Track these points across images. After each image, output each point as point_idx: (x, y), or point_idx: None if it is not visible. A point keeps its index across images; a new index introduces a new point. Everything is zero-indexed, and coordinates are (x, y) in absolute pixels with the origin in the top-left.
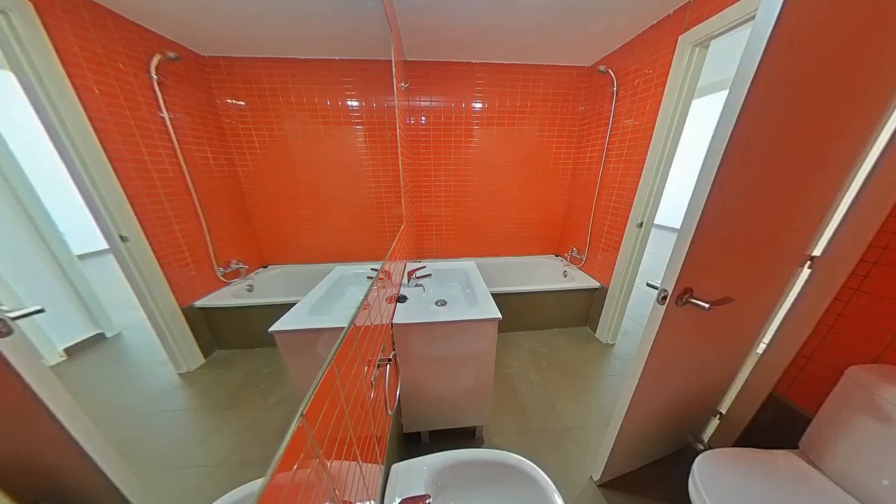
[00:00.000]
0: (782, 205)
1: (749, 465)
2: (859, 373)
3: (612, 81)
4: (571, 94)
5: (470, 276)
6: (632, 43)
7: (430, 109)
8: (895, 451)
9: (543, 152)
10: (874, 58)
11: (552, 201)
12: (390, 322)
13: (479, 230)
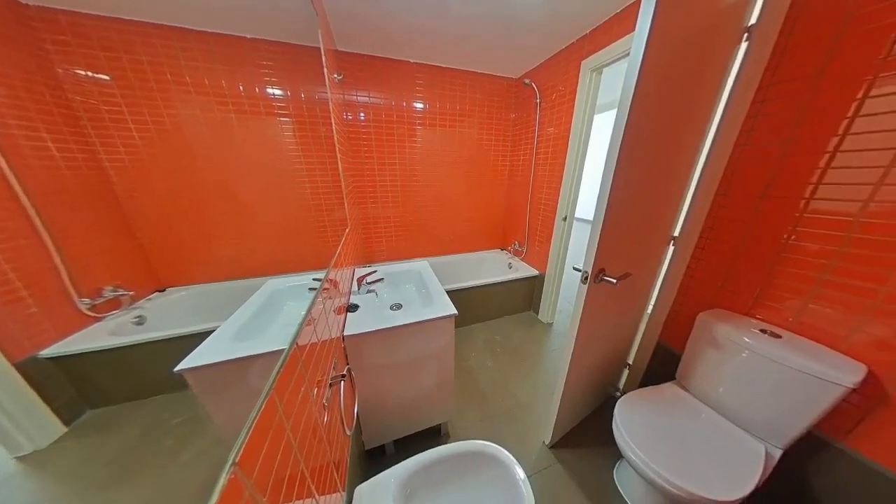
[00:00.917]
0: (654, 199)
1: (648, 399)
2: (704, 317)
3: (535, 94)
4: (504, 102)
5: (424, 276)
6: (548, 62)
7: (369, 106)
8: (725, 368)
9: (484, 155)
10: (699, 91)
11: (494, 200)
12: (341, 335)
13: (430, 230)
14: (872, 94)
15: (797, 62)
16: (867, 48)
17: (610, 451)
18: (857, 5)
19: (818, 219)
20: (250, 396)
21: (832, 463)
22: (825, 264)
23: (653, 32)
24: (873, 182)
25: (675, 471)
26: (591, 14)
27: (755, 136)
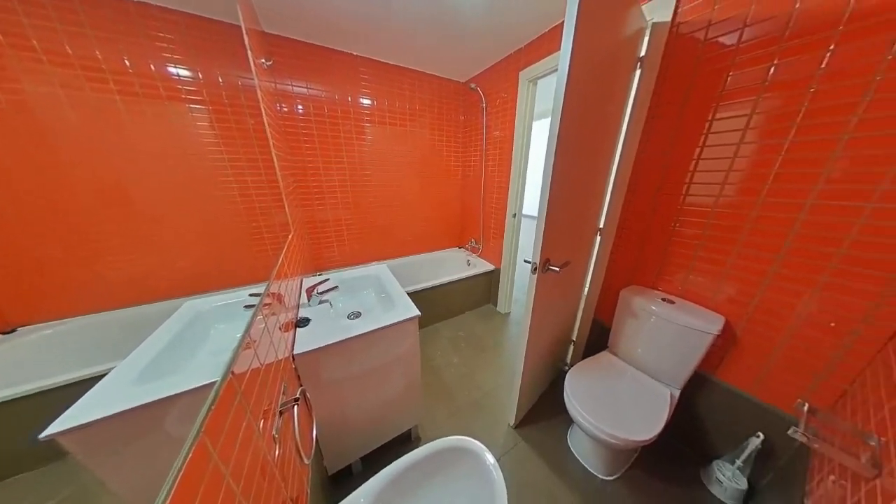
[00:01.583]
0: (584, 197)
1: (589, 368)
2: (624, 293)
3: (481, 99)
4: (453, 104)
5: (383, 279)
6: (490, 69)
7: (308, 98)
8: (641, 333)
9: (437, 156)
10: (610, 107)
11: (450, 200)
12: (290, 354)
13: (387, 231)
14: (717, 117)
15: (671, 90)
16: (711, 84)
17: (563, 419)
18: (703, 52)
19: (691, 210)
20: (167, 447)
21: (708, 391)
22: (697, 244)
23: (574, 54)
24: (720, 182)
25: (611, 423)
26: (525, 30)
27: (649, 145)
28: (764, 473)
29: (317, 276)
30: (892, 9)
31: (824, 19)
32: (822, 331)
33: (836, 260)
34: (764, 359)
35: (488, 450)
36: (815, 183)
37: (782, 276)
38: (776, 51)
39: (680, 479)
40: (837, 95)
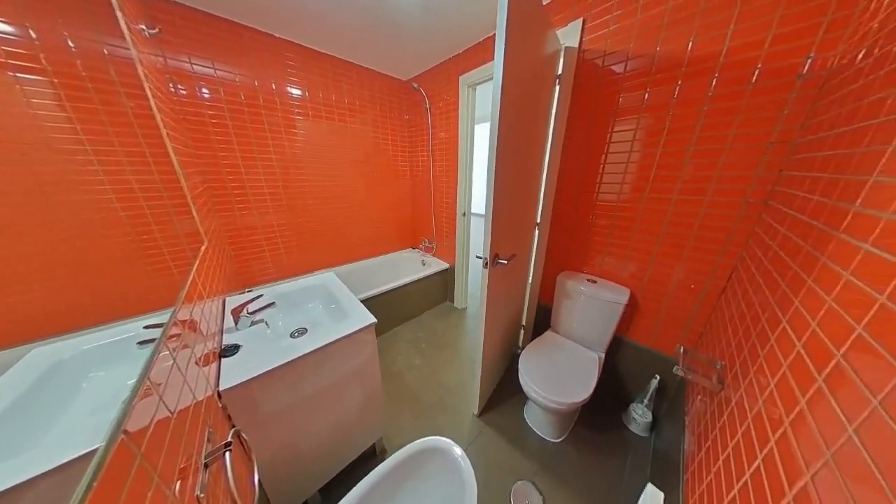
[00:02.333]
0: (523, 195)
1: (537, 347)
2: (560, 278)
3: (424, 99)
4: (396, 102)
5: (331, 288)
6: (432, 71)
7: (216, 81)
8: (574, 310)
9: (383, 155)
10: (538, 117)
11: (401, 200)
12: (215, 391)
13: (332, 236)
14: (615, 130)
15: (582, 105)
16: (609, 103)
17: (520, 398)
18: (602, 76)
19: (602, 205)
20: None
21: (623, 350)
22: (608, 233)
23: (506, 66)
24: (620, 183)
25: (556, 392)
26: (461, 35)
27: (569, 152)
28: (661, 406)
29: (246, 294)
30: (708, 59)
31: (674, 62)
32: (686, 292)
33: (691, 239)
34: (655, 318)
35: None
36: (676, 182)
37: (662, 252)
38: (648, 81)
39: (609, 426)
40: (685, 119)
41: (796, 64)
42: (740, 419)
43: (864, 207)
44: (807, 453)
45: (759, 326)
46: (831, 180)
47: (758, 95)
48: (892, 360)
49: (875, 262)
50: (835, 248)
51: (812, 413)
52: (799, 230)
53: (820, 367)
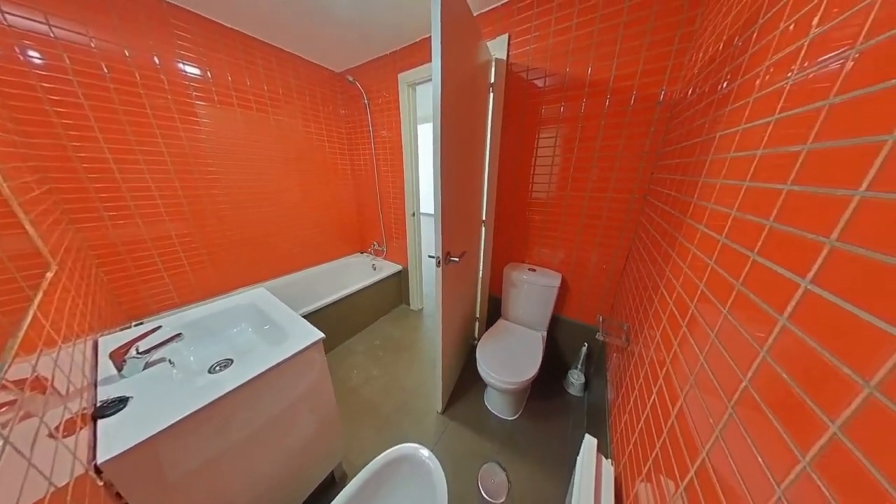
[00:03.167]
0: (468, 194)
1: (491, 336)
2: (506, 269)
3: (362, 94)
4: (329, 95)
5: (262, 307)
6: (369, 65)
7: (59, 43)
8: (520, 297)
9: (319, 151)
10: (477, 121)
11: (343, 202)
12: (90, 467)
13: (260, 245)
14: (541, 136)
15: (513, 113)
16: (534, 112)
17: (479, 386)
18: (527, 88)
19: (535, 202)
20: None
21: (559, 326)
22: (541, 226)
23: (444, 68)
24: (547, 182)
25: (510, 373)
26: (397, 31)
27: (505, 154)
28: (590, 368)
29: (134, 329)
30: (602, 83)
31: (579, 82)
32: (601, 271)
33: (601, 228)
34: (581, 295)
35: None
36: (588, 182)
37: (581, 241)
38: (562, 97)
39: (554, 394)
40: (590, 130)
41: (656, 94)
42: (640, 366)
43: (699, 200)
44: (680, 381)
45: (647, 292)
46: (681, 180)
47: (635, 115)
48: (720, 306)
49: (707, 238)
50: (685, 230)
51: (682, 351)
52: (665, 217)
53: (683, 317)
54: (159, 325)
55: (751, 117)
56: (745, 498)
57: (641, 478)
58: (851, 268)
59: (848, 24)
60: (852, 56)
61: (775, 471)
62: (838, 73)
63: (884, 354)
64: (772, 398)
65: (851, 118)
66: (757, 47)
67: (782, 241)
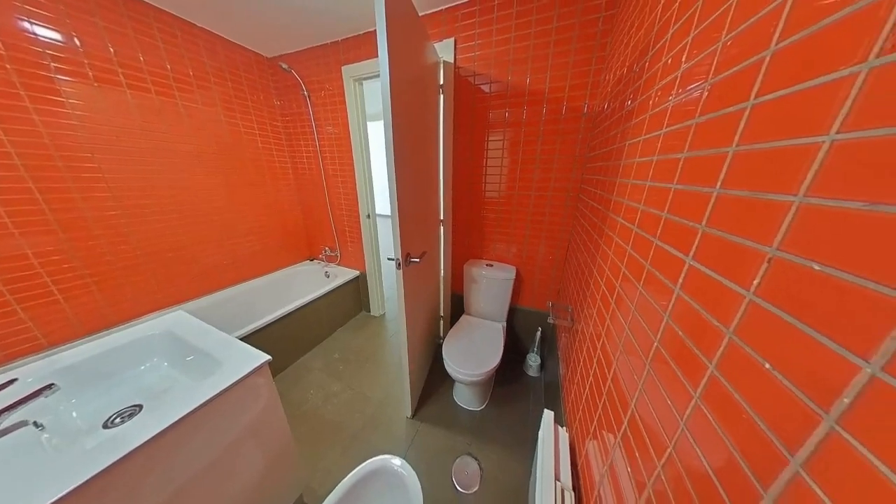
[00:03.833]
0: (425, 194)
1: (456, 333)
2: (466, 267)
3: (301, 85)
4: (259, 82)
5: (182, 334)
6: (307, 53)
7: None
8: (480, 292)
9: (249, 146)
10: (430, 121)
11: (285, 205)
12: None
13: (174, 259)
14: (490, 139)
15: (463, 116)
16: (483, 116)
17: (447, 383)
18: (475, 93)
19: (489, 201)
20: None
21: (517, 315)
22: (496, 224)
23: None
24: (498, 182)
25: (474, 365)
26: (338, 19)
27: (458, 155)
28: (545, 350)
29: None
30: (539, 93)
31: (520, 91)
32: (548, 261)
33: (545, 223)
34: (533, 285)
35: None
36: (532, 182)
37: (531, 235)
38: (506, 103)
39: (515, 379)
40: (532, 135)
41: (581, 106)
42: (583, 342)
43: (617, 197)
44: (613, 349)
45: (585, 277)
46: (604, 181)
47: (567, 123)
48: (636, 283)
49: (625, 228)
50: (609, 222)
51: (612, 324)
52: (594, 212)
53: (611, 295)
54: (13, 379)
55: (648, 130)
56: (661, 434)
57: (590, 437)
58: (715, 245)
59: (703, 62)
60: (706, 87)
61: (678, 408)
62: (699, 100)
63: (734, 308)
64: (673, 351)
65: (707, 134)
66: (649, 74)
67: (672, 229)
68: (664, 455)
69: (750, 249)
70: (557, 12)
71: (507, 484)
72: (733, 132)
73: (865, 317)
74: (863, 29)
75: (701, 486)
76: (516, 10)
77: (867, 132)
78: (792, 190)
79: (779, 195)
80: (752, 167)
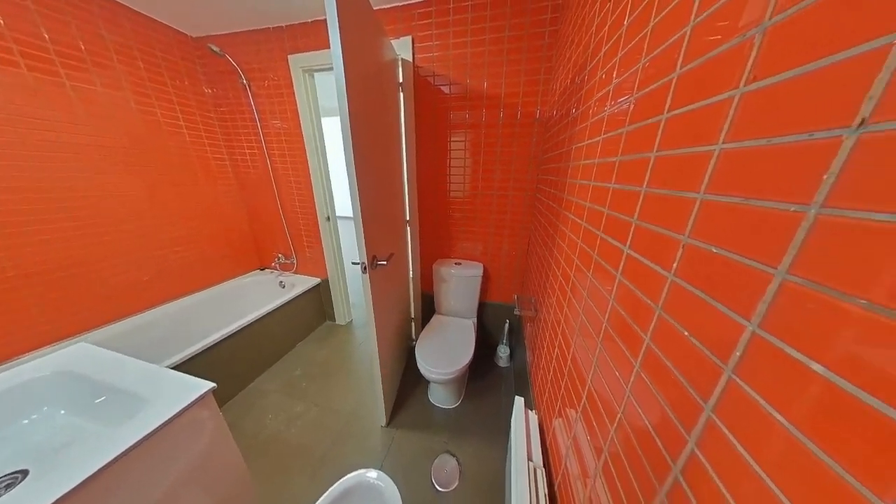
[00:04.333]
0: (389, 194)
1: (428, 333)
2: (435, 266)
3: (238, 73)
4: (183, 65)
5: (85, 371)
6: (245, 37)
7: None
8: (450, 291)
9: (172, 141)
10: (390, 119)
11: (226, 208)
12: None
13: (70, 279)
14: (453, 139)
15: (425, 115)
16: (444, 117)
17: (422, 385)
18: (435, 93)
19: (454, 201)
20: None
21: (486, 311)
22: (462, 223)
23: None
24: (462, 182)
25: (448, 363)
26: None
27: (422, 154)
28: (513, 340)
29: None
30: (496, 97)
31: (479, 94)
32: (512, 257)
33: (507, 221)
34: (499, 280)
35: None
36: (493, 181)
37: (494, 233)
38: (466, 105)
39: (488, 370)
40: (492, 137)
41: (534, 111)
42: (546, 329)
43: (567, 195)
44: (571, 333)
45: (544, 269)
46: (556, 181)
47: (522, 127)
48: (587, 272)
49: (575, 223)
50: (562, 218)
51: (569, 310)
52: (549, 209)
53: (567, 284)
54: None
55: (590, 136)
56: (612, 402)
57: (555, 415)
58: (645, 236)
59: (629, 80)
60: (633, 101)
61: (624, 377)
62: (627, 111)
63: (661, 287)
64: (618, 329)
65: (635, 141)
66: (588, 86)
67: (613, 223)
68: (615, 420)
69: (670, 238)
70: (509, 23)
71: (486, 474)
72: (654, 140)
73: (746, 286)
74: (736, 61)
75: (643, 441)
76: (471, 16)
77: (743, 143)
78: (695, 188)
79: (687, 193)
80: (668, 169)
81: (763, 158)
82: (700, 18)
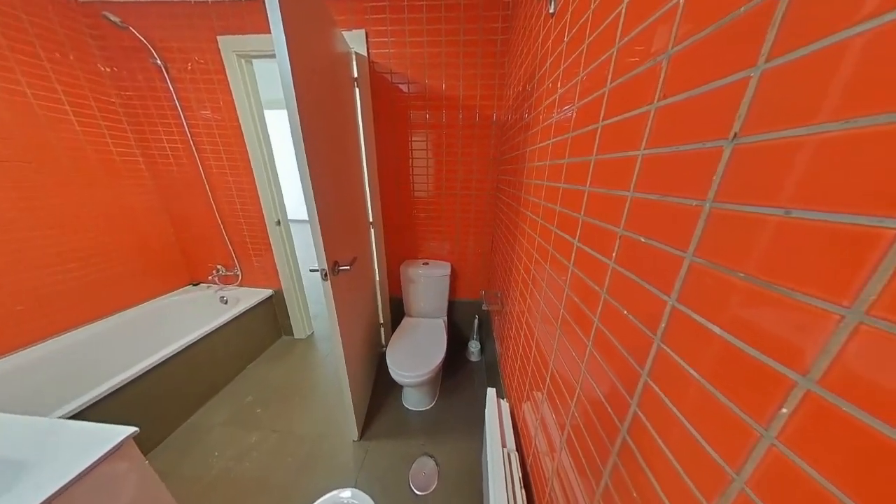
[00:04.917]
0: (348, 195)
1: (398, 338)
2: (402, 268)
3: (147, 49)
4: (66, 36)
5: None
6: (159, 8)
7: None
8: (419, 292)
9: (54, 130)
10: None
11: (140, 213)
12: None
13: None
14: (414, 139)
15: (383, 112)
16: (403, 116)
17: (394, 391)
18: (393, 91)
19: (419, 201)
20: None
21: (456, 308)
22: (428, 222)
23: (290, 48)
24: (426, 182)
25: (420, 366)
26: None
27: (383, 154)
28: (483, 335)
29: None
30: (455, 99)
31: (437, 94)
32: (477, 254)
33: (472, 219)
34: (467, 277)
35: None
36: (457, 181)
37: (461, 231)
38: (426, 104)
39: (460, 367)
40: (453, 137)
41: (491, 114)
42: (512, 320)
43: (524, 194)
44: (533, 322)
45: (508, 264)
46: (514, 181)
47: (480, 129)
48: (545, 265)
49: (532, 220)
50: (521, 215)
51: (531, 301)
52: (509, 207)
53: (528, 276)
54: None
55: (541, 139)
56: (571, 380)
57: (524, 400)
58: (591, 229)
59: (571, 90)
60: (575, 109)
61: (580, 357)
62: (571, 119)
63: (604, 274)
64: (573, 314)
65: (578, 145)
66: (538, 94)
67: (564, 219)
68: (574, 396)
69: (609, 231)
70: (463, 27)
71: (465, 469)
72: (593, 145)
73: (666, 268)
74: (650, 80)
75: (598, 410)
76: (426, 16)
77: (658, 149)
78: (626, 187)
79: (620, 191)
80: (605, 171)
81: (673, 162)
82: (623, 42)
